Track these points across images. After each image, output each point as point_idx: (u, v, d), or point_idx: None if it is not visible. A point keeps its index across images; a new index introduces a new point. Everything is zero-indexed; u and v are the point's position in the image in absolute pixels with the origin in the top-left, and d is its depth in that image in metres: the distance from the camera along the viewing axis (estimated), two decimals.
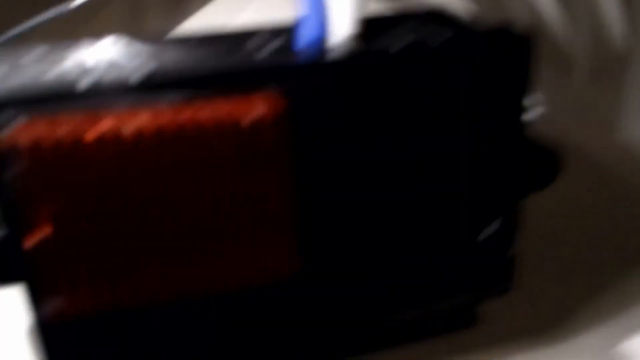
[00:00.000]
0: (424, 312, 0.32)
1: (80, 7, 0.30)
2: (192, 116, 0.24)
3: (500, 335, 0.34)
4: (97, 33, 0.35)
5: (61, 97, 0.24)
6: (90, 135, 0.24)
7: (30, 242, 0.24)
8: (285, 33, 0.28)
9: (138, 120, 0.24)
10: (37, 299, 0.26)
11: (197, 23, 0.39)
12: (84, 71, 0.25)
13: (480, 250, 0.31)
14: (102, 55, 0.26)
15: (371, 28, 0.28)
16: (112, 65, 0.25)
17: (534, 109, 0.29)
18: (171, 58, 0.26)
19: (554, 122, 0.38)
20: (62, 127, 0.24)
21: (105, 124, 0.24)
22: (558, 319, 0.35)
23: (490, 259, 0.31)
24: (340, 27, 0.27)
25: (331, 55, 0.26)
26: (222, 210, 0.26)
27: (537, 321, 0.35)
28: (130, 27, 0.38)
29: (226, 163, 0.25)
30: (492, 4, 0.43)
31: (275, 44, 0.27)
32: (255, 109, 0.25)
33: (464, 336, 0.35)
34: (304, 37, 0.27)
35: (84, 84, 0.24)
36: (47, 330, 0.26)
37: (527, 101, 0.28)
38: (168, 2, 0.38)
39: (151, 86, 0.25)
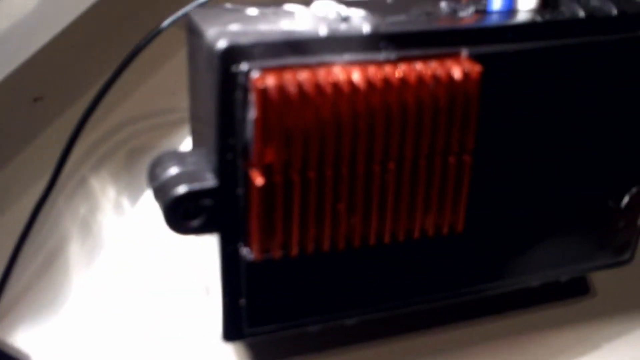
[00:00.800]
0: (552, 278, 0.34)
1: None
2: (412, 69, 0.26)
3: (612, 307, 0.37)
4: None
5: (303, 44, 0.25)
6: (327, 83, 0.25)
7: (259, 181, 0.25)
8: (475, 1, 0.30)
9: (366, 70, 0.26)
10: (246, 240, 0.27)
11: None
12: (317, 22, 0.26)
13: (611, 219, 0.33)
14: (325, 10, 0.27)
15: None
16: (339, 17, 0.26)
17: None
18: (378, 15, 0.28)
19: None
20: (300, 74, 0.25)
21: (339, 73, 0.25)
22: None
23: (620, 227, 0.34)
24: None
25: (524, 21, 0.28)
26: (418, 163, 0.27)
27: None
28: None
29: (429, 116, 0.27)
30: None
31: (470, 9, 0.29)
32: (459, 67, 0.27)
33: (577, 304, 0.37)
34: (495, 4, 0.29)
35: (323, 32, 0.25)
36: (252, 271, 0.27)
37: None
38: None
39: (377, 39, 0.26)
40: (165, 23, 0.30)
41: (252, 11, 0.28)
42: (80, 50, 0.37)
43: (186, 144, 0.37)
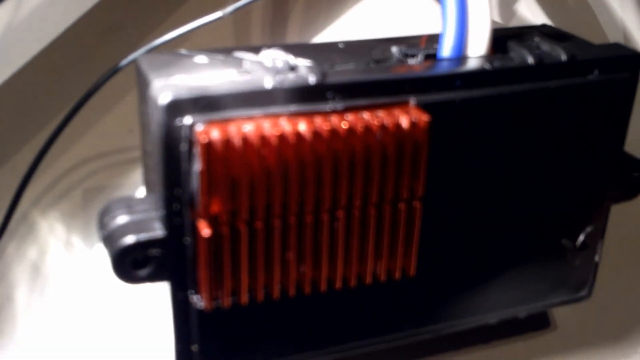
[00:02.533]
0: (509, 315, 0.34)
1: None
2: (359, 119, 0.26)
3: (572, 341, 0.37)
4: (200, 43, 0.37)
5: (248, 96, 0.25)
6: (272, 134, 0.25)
7: (206, 232, 0.26)
8: (426, 45, 0.30)
9: (312, 121, 0.26)
10: (195, 288, 0.27)
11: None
12: (264, 72, 0.26)
13: (567, 257, 0.33)
14: (272, 58, 0.27)
15: (499, 43, 0.30)
16: (286, 67, 0.27)
17: None
18: (327, 63, 0.28)
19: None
20: (245, 126, 0.25)
21: (284, 125, 0.25)
22: (631, 328, 0.38)
23: (576, 265, 0.34)
24: (477, 44, 0.29)
25: (473, 69, 0.29)
26: (368, 210, 0.28)
27: (609, 330, 0.38)
28: (235, 41, 0.39)
29: (377, 166, 0.27)
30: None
31: (420, 56, 0.29)
32: (407, 117, 0.27)
33: (537, 339, 0.37)
34: (444, 51, 0.29)
35: (268, 84, 0.26)
36: (203, 319, 0.27)
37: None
38: (273, 17, 0.40)
39: (324, 89, 0.26)
40: (120, 65, 0.30)
41: (200, 59, 0.28)
42: (34, 90, 0.37)
43: (141, 184, 0.37)
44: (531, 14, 0.45)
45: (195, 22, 0.30)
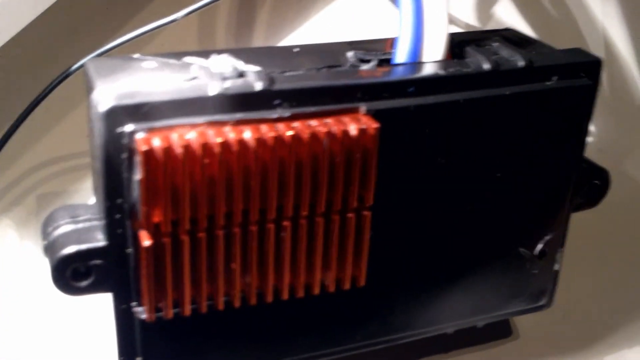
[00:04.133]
0: (467, 325, 0.34)
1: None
2: (306, 127, 0.26)
3: (534, 349, 0.36)
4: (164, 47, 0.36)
5: (191, 103, 0.25)
6: (215, 143, 0.24)
7: (147, 242, 0.25)
8: (375, 49, 0.29)
9: (257, 129, 0.25)
10: (138, 299, 0.26)
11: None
12: (211, 78, 0.25)
13: (526, 266, 0.33)
14: (220, 64, 0.26)
15: (457, 47, 0.30)
16: (234, 73, 0.26)
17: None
18: (277, 68, 0.27)
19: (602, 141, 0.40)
20: (188, 134, 0.24)
21: (228, 132, 0.25)
22: (593, 336, 0.37)
23: (535, 273, 0.33)
24: (433, 49, 0.29)
25: (427, 75, 0.28)
26: (315, 220, 0.27)
27: (572, 339, 0.37)
28: (199, 44, 0.39)
29: (324, 174, 0.26)
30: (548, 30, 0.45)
31: (373, 61, 0.29)
32: (356, 124, 0.26)
33: (498, 348, 0.36)
34: (399, 56, 0.28)
35: (212, 91, 0.25)
36: (146, 330, 0.27)
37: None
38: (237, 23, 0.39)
39: (271, 96, 0.26)
40: (70, 70, 0.29)
41: (149, 64, 0.27)
42: None
43: None
44: (507, 16, 0.44)
45: (149, 25, 0.30)
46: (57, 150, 0.37)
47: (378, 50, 0.30)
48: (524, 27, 0.44)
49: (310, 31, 0.41)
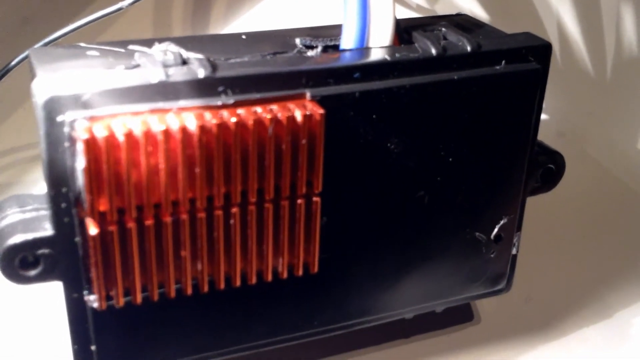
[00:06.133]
0: (425, 310, 0.34)
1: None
2: (250, 113, 0.26)
3: (496, 332, 0.37)
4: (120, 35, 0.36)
5: (133, 91, 0.25)
6: (158, 130, 0.24)
7: (93, 230, 0.25)
8: (326, 36, 0.29)
9: (201, 116, 0.25)
10: (89, 288, 0.26)
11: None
12: (154, 66, 0.25)
13: (482, 250, 0.33)
14: (164, 51, 0.27)
15: (405, 33, 0.30)
16: (178, 60, 0.26)
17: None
18: (223, 55, 0.27)
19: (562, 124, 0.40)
20: (130, 122, 0.24)
21: (171, 120, 0.25)
22: (554, 318, 0.38)
23: (492, 258, 0.33)
24: (380, 35, 0.29)
25: (372, 61, 0.28)
26: (264, 206, 0.27)
27: (532, 320, 0.37)
28: (154, 32, 0.39)
29: (271, 160, 0.26)
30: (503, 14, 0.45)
31: (319, 47, 0.29)
32: (301, 110, 0.26)
33: (461, 331, 0.37)
34: (346, 42, 0.29)
35: (155, 78, 0.25)
36: (98, 318, 0.27)
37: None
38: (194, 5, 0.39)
39: (214, 84, 0.26)
40: (13, 63, 0.29)
41: (93, 52, 0.27)
42: None
43: None
44: (463, 2, 0.45)
45: (94, 15, 0.30)
46: (11, 141, 0.37)
47: (329, 36, 0.30)
48: (480, 11, 0.44)
49: (267, 18, 0.41)
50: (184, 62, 0.26)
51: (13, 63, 0.29)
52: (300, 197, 0.27)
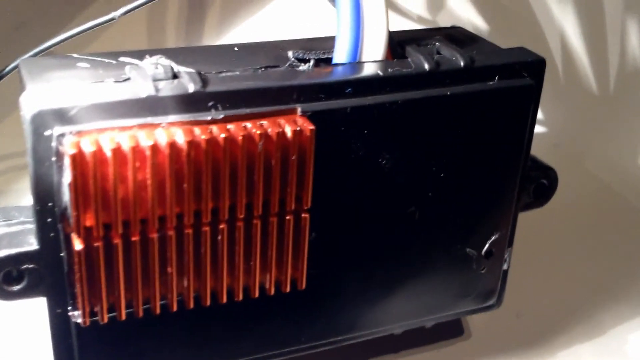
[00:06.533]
0: (415, 325, 0.34)
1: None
2: (240, 128, 0.25)
3: (486, 347, 0.36)
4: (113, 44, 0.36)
5: (122, 105, 0.24)
6: (146, 146, 0.24)
7: (79, 245, 0.25)
8: (319, 48, 0.29)
9: (190, 131, 0.25)
10: (73, 303, 0.26)
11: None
12: (144, 80, 0.25)
13: (473, 266, 0.33)
14: (154, 64, 0.26)
15: (398, 47, 0.30)
16: (169, 74, 0.26)
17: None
18: (214, 68, 0.27)
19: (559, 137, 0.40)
20: (118, 137, 0.24)
21: (159, 135, 0.24)
22: (545, 334, 0.37)
23: (483, 273, 0.33)
24: (373, 48, 0.28)
25: (365, 76, 0.28)
26: (252, 222, 0.27)
27: (524, 336, 0.37)
28: (148, 42, 0.38)
29: (260, 176, 0.26)
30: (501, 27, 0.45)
31: (311, 61, 0.28)
32: (291, 126, 0.26)
33: (451, 346, 0.36)
34: (338, 56, 0.28)
35: (144, 93, 0.25)
36: (82, 334, 0.26)
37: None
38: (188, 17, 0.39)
39: (204, 98, 0.25)
40: (5, 71, 0.29)
41: (83, 64, 0.27)
42: None
43: None
44: (462, 11, 0.44)
45: (86, 25, 0.29)
46: (2, 148, 0.36)
47: (322, 49, 0.30)
48: (480, 22, 0.44)
49: (262, 28, 0.40)
50: (175, 75, 0.26)
51: (5, 71, 0.28)
52: (289, 213, 0.27)
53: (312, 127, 0.26)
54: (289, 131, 0.26)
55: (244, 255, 0.27)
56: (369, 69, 0.28)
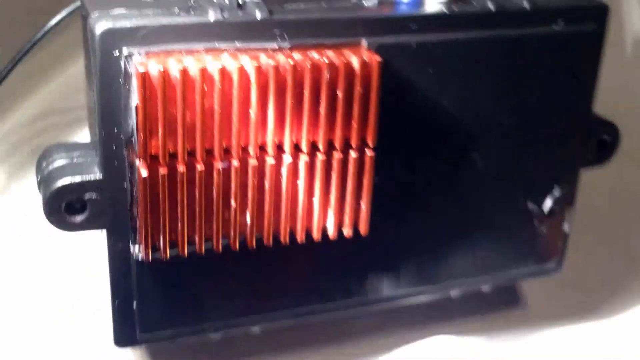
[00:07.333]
0: (473, 286, 0.33)
1: None
2: (307, 58, 0.25)
3: (544, 318, 0.35)
4: None
5: (190, 29, 0.24)
6: (214, 69, 0.24)
7: (144, 172, 0.24)
8: None
9: (257, 58, 0.25)
10: (134, 238, 0.25)
11: None
12: (211, 7, 0.25)
13: (534, 224, 0.32)
14: None
15: None
16: (234, 3, 0.25)
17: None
18: (279, 2, 0.27)
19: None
20: (185, 60, 0.24)
21: (227, 60, 0.24)
22: (606, 308, 0.36)
23: (544, 233, 0.32)
24: None
25: (429, 13, 0.27)
26: (316, 156, 0.26)
27: (580, 304, 0.36)
28: None
29: (326, 108, 0.25)
30: None
31: None
32: (358, 57, 0.25)
33: (507, 315, 0.35)
34: None
35: (212, 17, 0.24)
36: (142, 271, 0.26)
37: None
38: None
39: (271, 26, 0.25)
40: (59, 16, 0.29)
41: None
42: None
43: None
44: None
45: None
46: (53, 102, 0.36)
47: None
48: None
49: None
50: (240, 5, 0.25)
51: (59, 17, 0.28)
52: (353, 150, 0.26)
53: (379, 59, 0.25)
54: (355, 62, 0.25)
55: (307, 192, 0.26)
56: (434, 7, 0.27)
